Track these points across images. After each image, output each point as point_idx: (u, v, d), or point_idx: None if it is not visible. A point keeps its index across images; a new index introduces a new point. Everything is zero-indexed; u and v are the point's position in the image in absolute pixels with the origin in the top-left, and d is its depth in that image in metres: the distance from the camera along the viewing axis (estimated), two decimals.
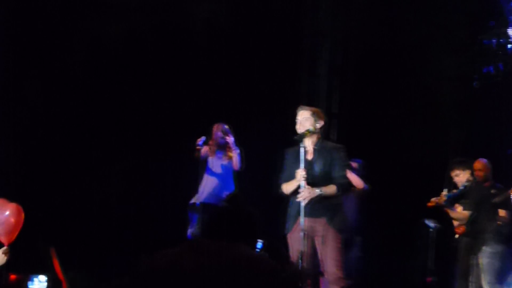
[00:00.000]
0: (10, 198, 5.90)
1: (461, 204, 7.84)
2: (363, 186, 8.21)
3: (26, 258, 6.83)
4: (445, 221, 8.11)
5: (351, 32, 9.51)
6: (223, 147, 8.15)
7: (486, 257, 7.41)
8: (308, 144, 6.09)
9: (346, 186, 6.16)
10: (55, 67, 8.79)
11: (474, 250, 7.69)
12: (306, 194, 5.83)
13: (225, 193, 8.01)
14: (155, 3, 8.85)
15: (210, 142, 8.18)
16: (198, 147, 8.02)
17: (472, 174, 7.74)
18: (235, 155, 8.06)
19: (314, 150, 6.07)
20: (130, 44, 8.83)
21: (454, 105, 9.43)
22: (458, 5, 9.45)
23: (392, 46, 9.29)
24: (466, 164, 7.80)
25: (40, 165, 8.60)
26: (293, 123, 9.37)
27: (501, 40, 9.32)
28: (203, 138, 8.13)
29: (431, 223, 8.40)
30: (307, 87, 9.56)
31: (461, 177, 7.78)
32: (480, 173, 7.90)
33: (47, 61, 8.73)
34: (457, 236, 7.99)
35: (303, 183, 5.83)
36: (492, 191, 7.82)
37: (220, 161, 8.18)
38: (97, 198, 8.76)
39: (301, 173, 5.86)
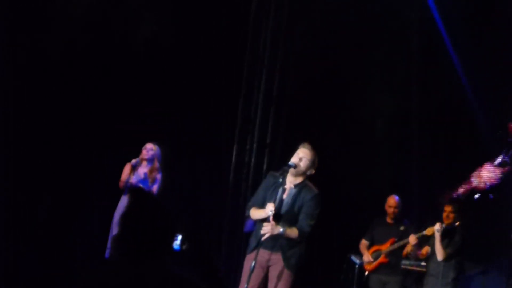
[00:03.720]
0: None
1: None
2: None
3: None
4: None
5: (290, 63, 9.54)
6: (151, 168, 8.04)
7: None
8: (289, 181, 5.98)
9: (307, 234, 5.95)
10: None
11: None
12: (268, 229, 5.80)
13: None
14: (97, 19, 8.74)
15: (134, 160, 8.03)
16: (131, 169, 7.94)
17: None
18: (157, 183, 7.97)
19: (291, 190, 5.97)
20: (71, 59, 8.68)
21: (389, 142, 9.52)
22: (397, 43, 9.59)
23: (330, 79, 9.34)
24: None
25: None
26: (227, 147, 9.47)
27: None
28: (137, 159, 8.03)
29: (357, 260, 8.40)
30: (242, 115, 9.54)
31: None
32: (396, 210, 8.00)
33: None
34: (366, 273, 8.04)
35: (270, 218, 5.78)
36: (401, 228, 7.90)
37: (147, 180, 8.03)
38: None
39: (270, 207, 5.82)
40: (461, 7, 9.16)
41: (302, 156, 5.95)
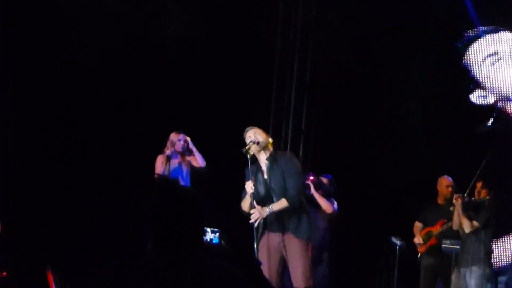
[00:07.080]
0: None
1: None
2: (333, 209, 7.88)
3: None
4: (412, 239, 8.15)
5: (321, 50, 9.54)
6: (182, 154, 8.07)
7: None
8: (261, 161, 6.11)
9: (298, 197, 6.02)
10: (28, 82, 8.68)
11: (439, 269, 7.77)
12: (256, 215, 5.87)
13: None
14: (127, 18, 8.80)
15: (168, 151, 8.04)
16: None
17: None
18: (197, 154, 7.99)
19: (267, 167, 6.04)
20: (103, 58, 8.74)
21: (423, 125, 9.46)
22: (429, 26, 9.51)
23: (361, 63, 9.32)
24: None
25: None
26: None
27: None
28: (172, 150, 8.03)
29: (397, 241, 8.38)
30: (276, 103, 9.56)
31: None
32: (449, 190, 7.95)
33: (20, 78, 8.63)
34: (419, 255, 8.02)
35: (254, 202, 5.84)
36: (451, 208, 7.82)
37: (182, 168, 8.07)
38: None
39: (249, 185, 5.90)
40: None
41: (251, 135, 6.07)
